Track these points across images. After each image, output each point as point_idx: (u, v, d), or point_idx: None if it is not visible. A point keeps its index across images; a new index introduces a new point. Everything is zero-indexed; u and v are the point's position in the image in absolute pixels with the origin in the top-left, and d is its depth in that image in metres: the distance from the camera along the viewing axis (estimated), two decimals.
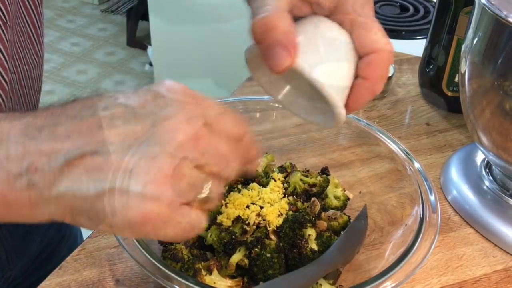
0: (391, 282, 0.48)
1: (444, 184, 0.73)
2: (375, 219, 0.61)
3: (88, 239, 0.63)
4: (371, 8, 0.47)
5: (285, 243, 0.55)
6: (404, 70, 1.00)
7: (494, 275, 0.61)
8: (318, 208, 0.60)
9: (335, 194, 0.65)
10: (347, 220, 0.61)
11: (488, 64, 0.60)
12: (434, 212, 0.55)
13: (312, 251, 0.54)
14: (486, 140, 0.64)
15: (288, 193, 0.61)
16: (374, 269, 0.54)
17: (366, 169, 0.67)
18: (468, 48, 0.63)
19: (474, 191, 0.70)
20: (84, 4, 3.47)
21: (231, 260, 0.53)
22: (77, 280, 0.58)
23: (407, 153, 0.62)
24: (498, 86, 0.58)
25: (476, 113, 0.64)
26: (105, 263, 0.60)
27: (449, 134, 0.83)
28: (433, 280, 0.60)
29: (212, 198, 0.39)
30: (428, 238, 0.52)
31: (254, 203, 0.58)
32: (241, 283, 0.54)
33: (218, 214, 0.57)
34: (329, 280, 0.53)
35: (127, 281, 0.58)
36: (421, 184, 0.58)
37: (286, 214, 0.57)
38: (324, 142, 0.70)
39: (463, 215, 0.69)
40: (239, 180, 0.63)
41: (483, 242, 0.65)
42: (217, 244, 0.54)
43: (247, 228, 0.55)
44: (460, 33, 0.79)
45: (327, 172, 0.67)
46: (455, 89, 0.84)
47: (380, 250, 0.57)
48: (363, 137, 0.66)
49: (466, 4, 0.78)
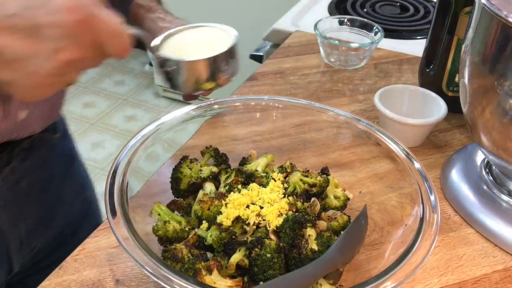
0: (391, 282, 0.48)
1: (444, 184, 0.73)
2: (375, 219, 0.61)
3: (88, 239, 0.63)
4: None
5: (285, 243, 0.55)
6: (404, 70, 1.00)
7: (494, 275, 0.61)
8: (318, 208, 0.60)
9: (335, 194, 0.65)
10: (347, 220, 0.61)
11: (488, 64, 0.60)
12: (434, 212, 0.55)
13: (312, 251, 0.54)
14: (486, 140, 0.64)
15: (288, 193, 0.61)
16: (374, 269, 0.54)
17: (366, 169, 0.67)
18: (468, 48, 0.63)
19: (474, 191, 0.70)
20: None
21: (231, 260, 0.53)
22: (77, 280, 0.58)
23: (407, 153, 0.62)
24: (498, 86, 0.58)
25: (476, 113, 0.64)
26: (105, 263, 0.60)
27: (449, 134, 0.83)
28: (433, 280, 0.60)
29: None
30: (428, 238, 0.52)
31: (254, 203, 0.58)
32: (241, 283, 0.54)
33: (218, 214, 0.57)
34: (329, 280, 0.53)
35: (127, 281, 0.58)
36: (421, 184, 0.58)
37: (286, 214, 0.57)
38: (324, 142, 0.70)
39: (463, 215, 0.69)
40: (239, 180, 0.63)
41: (483, 242, 0.66)
42: (217, 244, 0.54)
43: (247, 228, 0.55)
44: (460, 33, 0.79)
45: (327, 172, 0.67)
46: (455, 89, 0.84)
47: (380, 250, 0.57)
48: (363, 137, 0.66)
49: (466, 4, 0.78)
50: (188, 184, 0.63)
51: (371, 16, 1.21)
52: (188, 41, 0.67)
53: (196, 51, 0.65)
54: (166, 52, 0.65)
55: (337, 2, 1.26)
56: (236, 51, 0.67)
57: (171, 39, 0.68)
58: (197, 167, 0.64)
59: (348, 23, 1.04)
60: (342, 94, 0.93)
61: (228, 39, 0.67)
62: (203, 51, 0.64)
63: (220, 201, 0.58)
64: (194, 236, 0.57)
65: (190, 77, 0.64)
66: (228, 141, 0.71)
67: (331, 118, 0.68)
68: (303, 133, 0.71)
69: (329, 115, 0.68)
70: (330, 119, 0.68)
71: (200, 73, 0.64)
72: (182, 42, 0.67)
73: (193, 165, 0.64)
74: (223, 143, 0.70)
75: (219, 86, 0.68)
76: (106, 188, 0.55)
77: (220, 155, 0.67)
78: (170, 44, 0.67)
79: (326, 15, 1.21)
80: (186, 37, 0.68)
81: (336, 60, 1.00)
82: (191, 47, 0.66)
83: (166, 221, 0.57)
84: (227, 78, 0.67)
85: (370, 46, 0.98)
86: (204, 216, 0.58)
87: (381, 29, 0.99)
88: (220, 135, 0.71)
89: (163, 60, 0.64)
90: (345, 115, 0.68)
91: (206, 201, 0.58)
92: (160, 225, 0.57)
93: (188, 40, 0.67)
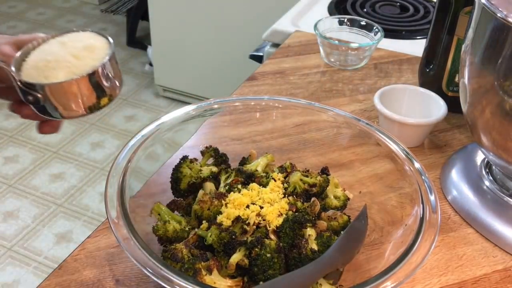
0: (391, 282, 0.48)
1: (444, 184, 0.73)
2: (375, 219, 0.61)
3: (88, 239, 0.63)
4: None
5: (285, 243, 0.55)
6: (404, 70, 1.00)
7: (494, 275, 0.61)
8: (318, 208, 0.60)
9: (335, 194, 0.65)
10: (347, 220, 0.61)
11: (488, 64, 0.60)
12: (434, 212, 0.55)
13: (312, 251, 0.54)
14: (486, 140, 0.64)
15: (288, 193, 0.61)
16: (374, 269, 0.54)
17: (366, 169, 0.67)
18: (468, 48, 0.63)
19: (474, 191, 0.70)
20: (84, 4, 3.47)
21: (231, 260, 0.53)
22: (77, 280, 0.58)
23: (407, 153, 0.62)
24: (498, 86, 0.58)
25: (476, 113, 0.64)
26: (105, 263, 0.60)
27: (449, 134, 0.83)
28: (433, 280, 0.60)
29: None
30: (428, 238, 0.52)
31: (254, 203, 0.58)
32: (241, 283, 0.54)
33: (218, 214, 0.57)
34: (329, 280, 0.53)
35: (127, 281, 0.58)
36: (421, 184, 0.58)
37: (286, 214, 0.57)
38: (324, 142, 0.70)
39: (463, 215, 0.69)
40: (239, 180, 0.63)
41: (483, 242, 0.66)
42: (217, 244, 0.54)
43: (247, 228, 0.55)
44: (460, 33, 0.79)
45: (327, 172, 0.67)
46: (455, 89, 0.84)
47: (380, 250, 0.57)
48: (363, 137, 0.66)
49: (466, 4, 0.78)
50: (188, 184, 0.63)
51: (371, 16, 1.21)
52: (53, 57, 0.52)
53: (66, 68, 0.51)
54: (27, 73, 0.51)
55: (337, 2, 1.26)
56: (114, 57, 0.54)
57: (29, 57, 0.53)
58: (197, 167, 0.64)
59: (348, 23, 1.04)
60: (342, 94, 0.93)
61: (98, 42, 0.54)
62: (74, 66, 0.52)
63: (220, 201, 0.58)
64: (194, 236, 0.57)
65: (65, 102, 0.51)
66: (228, 141, 0.71)
67: (331, 118, 0.68)
68: (303, 133, 0.71)
69: (329, 115, 0.68)
70: (330, 119, 0.68)
71: (75, 95, 0.51)
72: (46, 59, 0.52)
73: (193, 165, 0.64)
74: (223, 143, 0.70)
75: (109, 101, 0.55)
76: (106, 188, 0.55)
77: (220, 155, 0.67)
78: (30, 65, 0.52)
79: (326, 15, 1.21)
80: (50, 51, 0.53)
81: (336, 60, 1.00)
82: (59, 65, 0.51)
83: (166, 221, 0.57)
84: (115, 90, 0.55)
85: (370, 46, 0.98)
86: (204, 216, 0.58)
87: (381, 29, 0.99)
88: (220, 135, 0.71)
89: (26, 86, 0.50)
90: (345, 115, 0.68)
91: (206, 201, 0.58)
92: (160, 225, 0.57)
93: (54, 55, 0.52)
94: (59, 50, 0.53)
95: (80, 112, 0.53)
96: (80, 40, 0.54)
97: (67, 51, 0.53)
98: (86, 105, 0.52)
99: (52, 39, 0.55)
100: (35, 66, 0.52)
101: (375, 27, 1.00)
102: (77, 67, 0.51)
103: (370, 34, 1.01)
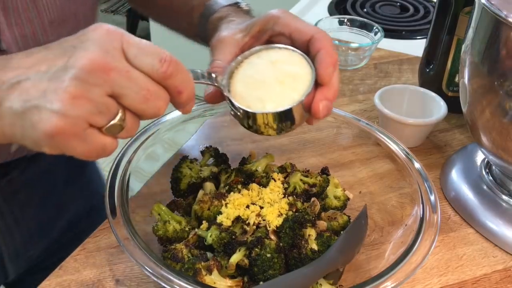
0: (391, 282, 0.48)
1: (444, 184, 0.73)
2: (375, 219, 0.61)
3: (88, 239, 0.63)
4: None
5: (285, 243, 0.55)
6: (404, 70, 1.00)
7: (494, 275, 0.61)
8: (318, 208, 0.60)
9: (335, 194, 0.64)
10: (347, 220, 0.61)
11: (488, 64, 0.60)
12: (434, 212, 0.55)
13: (312, 251, 0.54)
14: (486, 140, 0.64)
15: (288, 193, 0.61)
16: (374, 269, 0.54)
17: (366, 169, 0.67)
18: (468, 48, 0.63)
19: (474, 191, 0.70)
20: None
21: (231, 260, 0.53)
22: (77, 280, 0.58)
23: (407, 153, 0.62)
24: (498, 86, 0.58)
25: (476, 113, 0.64)
26: (105, 263, 0.60)
27: (449, 134, 0.83)
28: (433, 280, 0.60)
29: (127, 129, 0.44)
30: (428, 238, 0.52)
31: (254, 203, 0.58)
32: (241, 283, 0.54)
33: (218, 214, 0.57)
34: (329, 280, 0.53)
35: (127, 281, 0.58)
36: (421, 184, 0.58)
37: (286, 214, 0.57)
38: (324, 142, 0.70)
39: (463, 215, 0.69)
40: (239, 180, 0.63)
41: (483, 242, 0.66)
42: (217, 244, 0.54)
43: (247, 228, 0.55)
44: (460, 33, 0.79)
45: (327, 172, 0.67)
46: (455, 89, 0.84)
47: (380, 250, 0.57)
48: (363, 137, 0.66)
49: (466, 4, 0.78)
50: (188, 184, 0.63)
51: (371, 16, 1.21)
52: (261, 76, 0.54)
53: (272, 95, 0.53)
54: (235, 90, 0.54)
55: (337, 2, 1.26)
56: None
57: (240, 69, 0.56)
58: (197, 167, 0.64)
59: (348, 23, 1.04)
60: (342, 94, 0.93)
61: (302, 70, 0.54)
62: (280, 95, 0.53)
63: (220, 201, 0.58)
64: (194, 236, 0.57)
65: (260, 126, 0.54)
66: (228, 141, 0.71)
67: (331, 118, 0.68)
68: (303, 133, 0.71)
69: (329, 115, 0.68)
70: (330, 119, 0.68)
71: (266, 125, 0.53)
72: (254, 77, 0.54)
73: (193, 165, 0.64)
74: (223, 143, 0.70)
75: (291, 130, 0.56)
76: (106, 188, 0.55)
77: (220, 155, 0.67)
78: (240, 78, 0.55)
79: (326, 15, 1.21)
80: (259, 68, 0.55)
81: None
82: (264, 87, 0.53)
83: (166, 221, 0.57)
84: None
85: (370, 46, 0.98)
86: (204, 216, 0.58)
87: (381, 29, 0.99)
88: (220, 135, 0.71)
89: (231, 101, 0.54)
90: (345, 115, 0.68)
91: (206, 201, 0.58)
92: (160, 225, 0.57)
93: (262, 74, 0.54)
94: (267, 70, 0.55)
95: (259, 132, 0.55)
96: (288, 62, 0.55)
97: (274, 75, 0.54)
98: (269, 129, 0.54)
99: (264, 51, 0.57)
100: (243, 80, 0.55)
101: (375, 27, 1.00)
102: (280, 96, 0.53)
103: (370, 34, 1.01)
